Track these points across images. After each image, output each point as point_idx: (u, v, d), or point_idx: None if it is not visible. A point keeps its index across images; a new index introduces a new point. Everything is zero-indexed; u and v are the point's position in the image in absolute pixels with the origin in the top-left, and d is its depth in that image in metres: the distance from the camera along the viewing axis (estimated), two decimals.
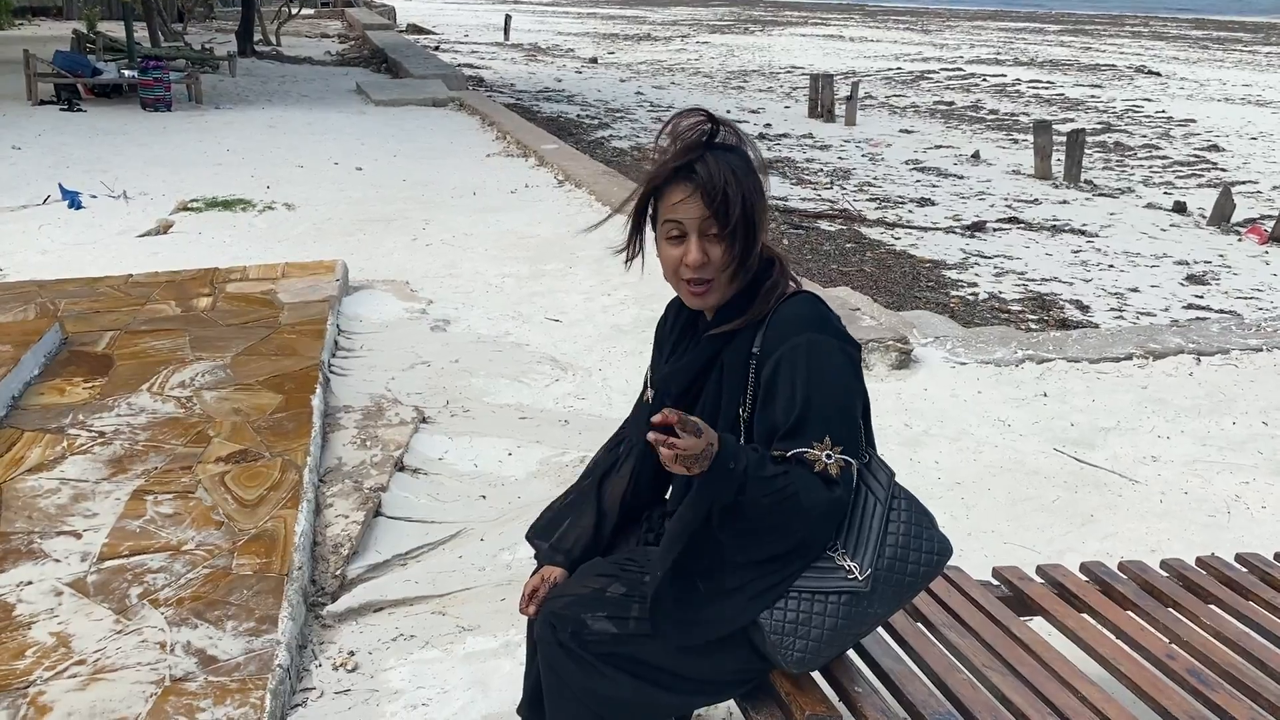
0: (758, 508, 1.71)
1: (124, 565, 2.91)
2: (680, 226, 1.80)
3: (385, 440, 3.82)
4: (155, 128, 11.20)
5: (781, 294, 1.86)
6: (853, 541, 1.81)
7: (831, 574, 1.80)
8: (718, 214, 1.76)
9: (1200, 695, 2.07)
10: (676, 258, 1.82)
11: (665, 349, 2.06)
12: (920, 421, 4.24)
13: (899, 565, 1.81)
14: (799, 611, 1.79)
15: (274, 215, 7.54)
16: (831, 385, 1.79)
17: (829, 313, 1.86)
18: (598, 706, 1.86)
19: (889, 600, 1.82)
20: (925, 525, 1.86)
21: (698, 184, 1.77)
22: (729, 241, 1.79)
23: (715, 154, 1.79)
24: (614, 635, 1.85)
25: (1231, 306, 6.49)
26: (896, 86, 18.38)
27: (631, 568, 1.93)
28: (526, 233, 7.08)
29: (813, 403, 1.76)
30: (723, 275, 1.82)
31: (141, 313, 4.94)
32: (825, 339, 1.81)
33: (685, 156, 1.79)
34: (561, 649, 1.85)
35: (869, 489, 1.84)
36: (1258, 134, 13.81)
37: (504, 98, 15.12)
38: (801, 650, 1.79)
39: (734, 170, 1.78)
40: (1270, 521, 3.54)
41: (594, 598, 1.88)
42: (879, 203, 9.31)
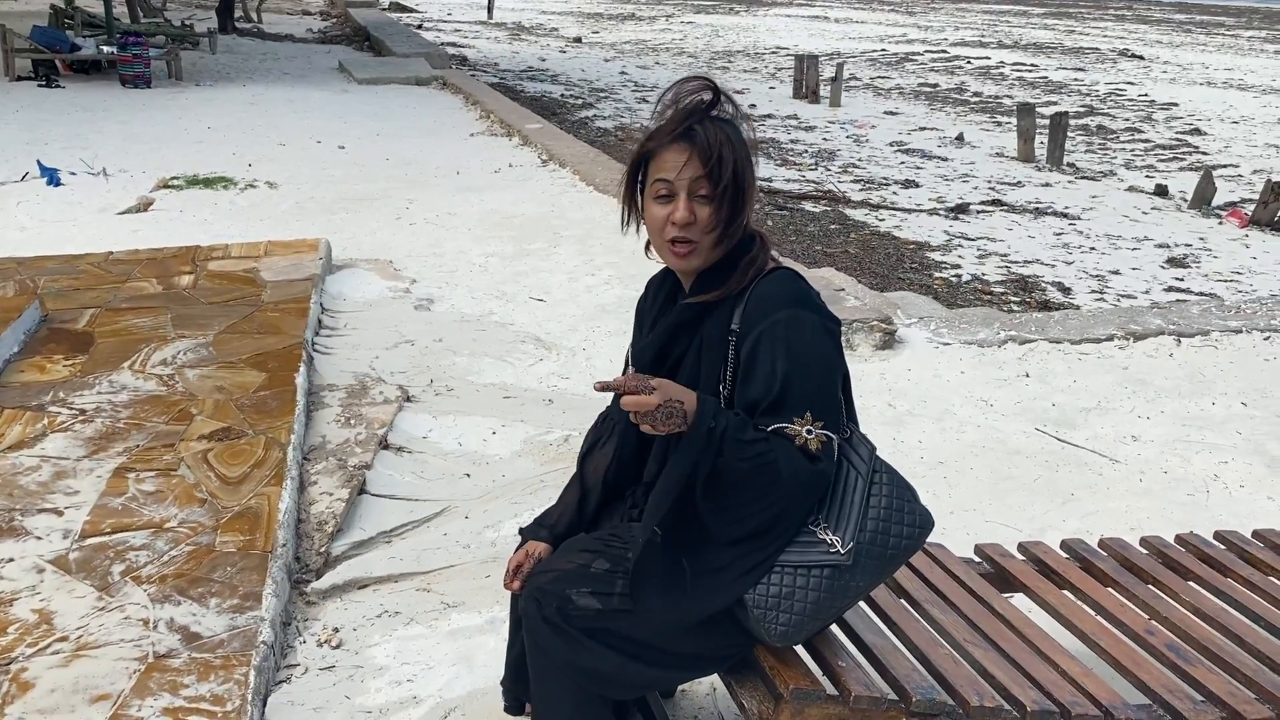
0: (738, 472, 1.72)
1: (106, 542, 2.90)
2: (670, 186, 1.82)
3: (369, 418, 3.81)
4: (135, 105, 11.08)
5: (761, 269, 1.86)
6: (834, 515, 1.82)
7: (813, 547, 1.81)
8: (710, 174, 1.79)
9: (1179, 670, 2.09)
10: (663, 217, 1.84)
11: (645, 325, 2.07)
12: (903, 401, 4.26)
13: (880, 538, 1.82)
14: (782, 585, 1.80)
15: (256, 193, 7.48)
16: (812, 361, 1.79)
17: (809, 289, 1.87)
18: (582, 680, 1.87)
19: (871, 573, 1.84)
20: (907, 499, 1.87)
21: (694, 144, 1.79)
22: (717, 203, 1.80)
23: (714, 118, 1.83)
24: (598, 611, 1.85)
25: (1211, 289, 6.53)
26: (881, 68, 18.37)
27: (615, 543, 1.94)
28: (510, 212, 7.06)
29: (793, 378, 1.77)
30: (707, 238, 1.83)
31: (122, 290, 4.90)
32: (805, 314, 1.82)
33: (685, 121, 1.82)
34: (546, 624, 1.86)
35: (850, 463, 1.85)
36: (1239, 118, 13.88)
37: (487, 77, 15.03)
38: (785, 624, 1.80)
39: (729, 137, 1.81)
40: (1248, 500, 3.58)
41: (578, 573, 1.89)
42: (863, 184, 9.31)
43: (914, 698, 1.86)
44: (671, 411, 1.68)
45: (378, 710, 2.45)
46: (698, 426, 1.70)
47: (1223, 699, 2.00)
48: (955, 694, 1.89)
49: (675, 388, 1.70)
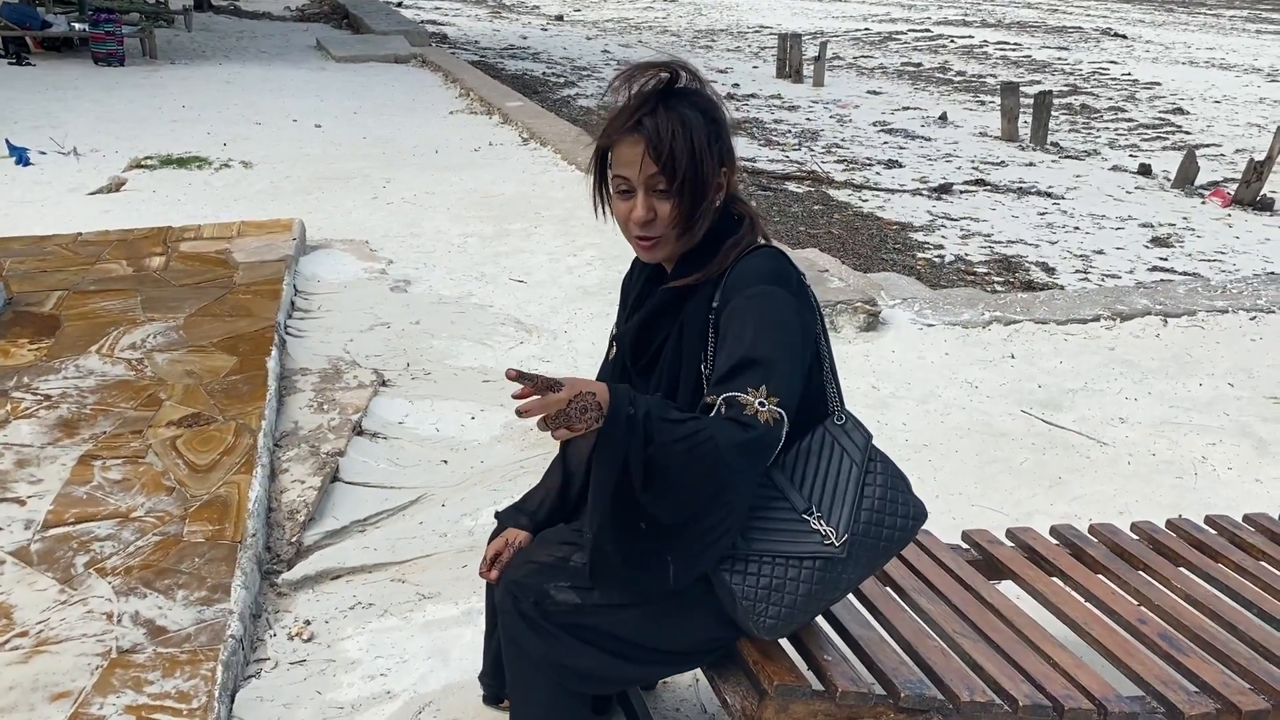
0: (673, 456, 1.59)
1: (70, 533, 2.81)
2: (628, 182, 1.75)
3: (343, 404, 3.72)
4: (107, 83, 10.88)
5: (744, 249, 1.79)
6: (827, 505, 1.76)
7: (806, 538, 1.74)
8: (665, 170, 1.71)
9: (1172, 660, 2.04)
10: (625, 213, 1.78)
11: (627, 305, 2.00)
12: (888, 383, 4.20)
13: (874, 530, 1.76)
14: (772, 577, 1.73)
15: (230, 173, 7.35)
16: (777, 337, 1.71)
17: (791, 269, 1.80)
18: (559, 675, 1.80)
19: (863, 565, 1.78)
20: (901, 489, 1.81)
21: (645, 138, 1.71)
22: (676, 197, 1.73)
23: (668, 106, 1.73)
24: (577, 606, 1.79)
25: (1195, 269, 6.50)
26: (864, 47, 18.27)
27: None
28: (490, 191, 6.95)
29: (756, 350, 1.68)
30: (670, 232, 1.77)
31: (91, 272, 4.78)
32: (780, 292, 1.74)
33: (635, 112, 1.73)
34: (523, 619, 1.80)
35: (845, 451, 1.79)
36: (1221, 97, 13.86)
37: (468, 55, 14.85)
38: (774, 616, 1.74)
39: (685, 123, 1.71)
40: (1236, 482, 3.54)
41: (556, 567, 1.82)
42: (846, 164, 9.24)
43: (903, 693, 1.80)
44: (585, 406, 1.54)
45: (350, 706, 2.38)
46: (615, 416, 1.57)
47: (1217, 690, 1.95)
48: (945, 688, 1.84)
49: (584, 381, 1.57)
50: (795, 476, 1.78)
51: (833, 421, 1.82)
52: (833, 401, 1.84)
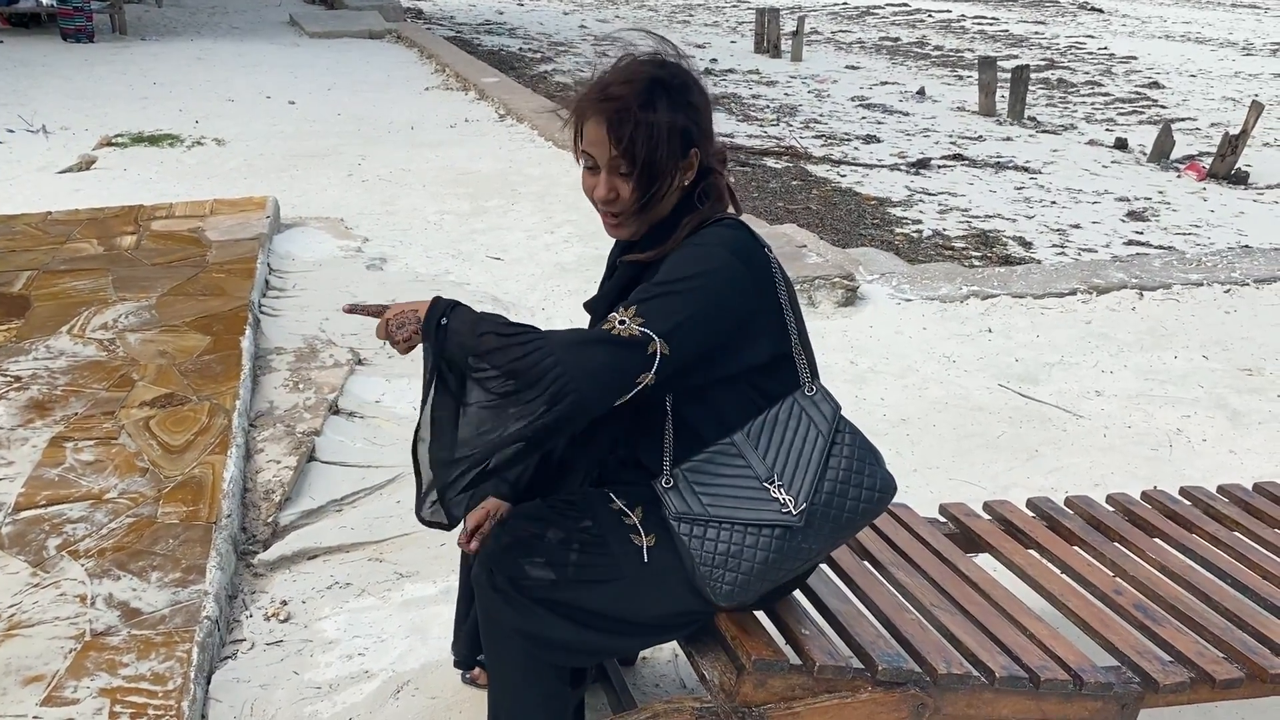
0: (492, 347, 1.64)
1: (41, 515, 2.78)
2: (593, 159, 1.79)
3: (319, 383, 3.69)
4: (76, 60, 10.72)
5: (701, 222, 1.79)
6: (789, 474, 1.76)
7: (765, 506, 1.74)
8: (625, 154, 1.73)
9: (1147, 630, 2.06)
10: (590, 186, 1.82)
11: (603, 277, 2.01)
12: (866, 358, 4.21)
13: (838, 500, 1.76)
14: (730, 543, 1.74)
15: (203, 151, 7.26)
16: (678, 284, 1.70)
17: (745, 238, 1.79)
18: (535, 649, 1.80)
19: (825, 536, 1.77)
20: (869, 462, 1.80)
21: (609, 121, 1.73)
22: (635, 182, 1.76)
23: (638, 91, 1.73)
24: (552, 581, 1.78)
25: (1171, 242, 6.52)
26: (842, 22, 18.21)
27: (570, 512, 1.85)
28: (467, 168, 6.90)
29: (648, 290, 1.71)
30: (629, 210, 1.80)
31: (61, 252, 4.72)
32: (711, 252, 1.74)
33: (602, 92, 1.76)
34: (498, 593, 1.79)
35: (811, 420, 1.79)
36: (1197, 71, 13.89)
37: (443, 30, 14.71)
38: (731, 583, 1.74)
39: (649, 108, 1.72)
40: (1210, 454, 3.57)
41: (531, 542, 1.81)
42: (825, 139, 9.21)
43: (880, 666, 1.80)
44: (403, 321, 1.71)
45: (328, 685, 2.37)
46: (430, 320, 1.69)
47: (1191, 659, 1.96)
48: (922, 661, 1.84)
49: (411, 303, 1.72)
50: (760, 445, 1.78)
51: (802, 393, 1.82)
52: (803, 374, 1.84)
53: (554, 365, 1.61)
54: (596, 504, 1.86)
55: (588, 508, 1.86)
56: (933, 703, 1.83)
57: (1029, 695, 1.86)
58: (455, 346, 1.66)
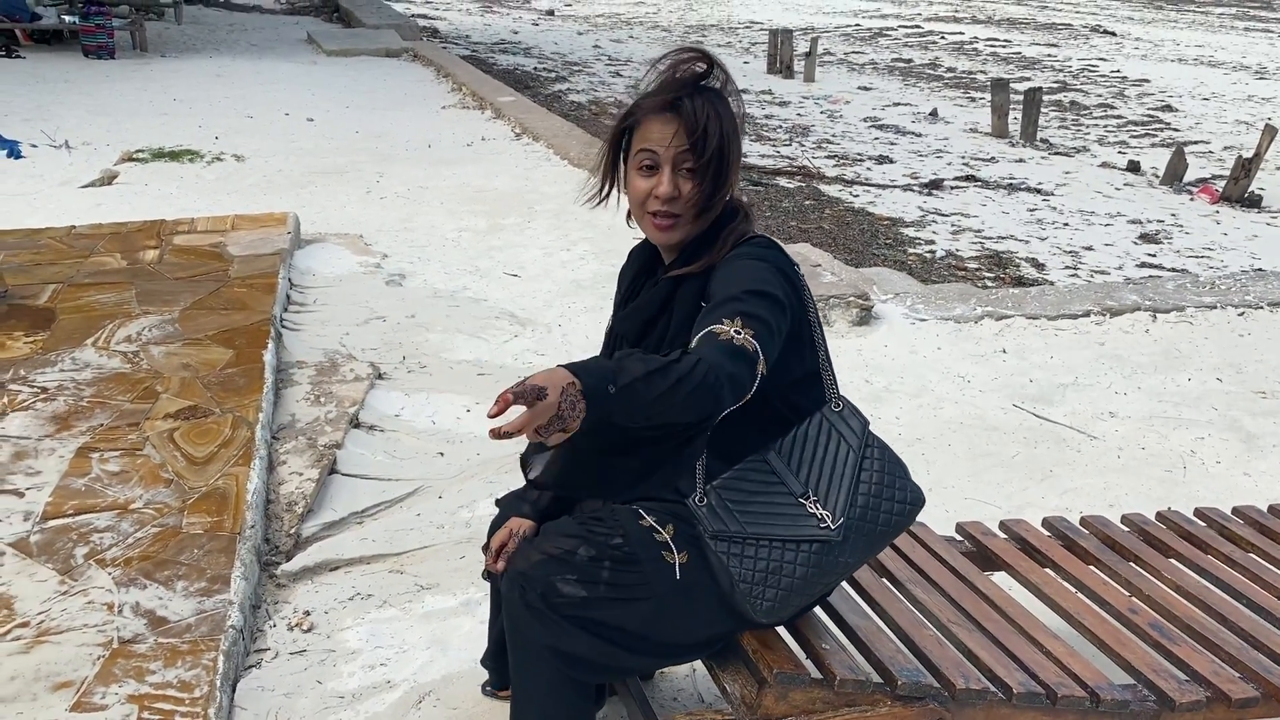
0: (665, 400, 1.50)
1: (69, 524, 2.82)
2: (654, 157, 1.79)
3: (340, 396, 3.74)
4: (98, 76, 10.84)
5: (740, 237, 1.83)
6: (824, 489, 1.78)
7: (803, 522, 1.77)
8: (695, 146, 1.76)
9: (1162, 649, 2.08)
10: (646, 189, 1.81)
11: (620, 294, 2.04)
12: (881, 378, 4.24)
13: (870, 514, 1.79)
14: (769, 560, 1.76)
15: (223, 166, 7.34)
16: (756, 287, 1.71)
17: (786, 257, 1.84)
18: (563, 665, 1.82)
19: (860, 550, 1.80)
20: (898, 474, 1.84)
21: (681, 116, 1.77)
22: (700, 177, 1.78)
23: (704, 90, 1.80)
24: (583, 599, 1.79)
25: (1184, 265, 6.54)
26: (855, 43, 18.30)
27: (600, 529, 1.87)
28: (483, 186, 6.96)
29: (730, 291, 1.70)
30: (689, 211, 1.81)
31: (85, 265, 4.78)
32: (764, 261, 1.78)
33: (675, 91, 1.79)
34: (528, 609, 1.80)
35: (842, 436, 1.82)
36: (1210, 95, 13.92)
37: (459, 49, 14.83)
38: (772, 599, 1.76)
39: (717, 109, 1.78)
40: (1225, 476, 3.58)
41: (563, 560, 1.82)
42: (837, 160, 9.26)
43: (899, 680, 1.83)
44: (573, 400, 1.42)
45: (350, 695, 2.40)
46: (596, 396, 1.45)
47: (1207, 678, 1.98)
48: (940, 676, 1.87)
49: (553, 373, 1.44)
50: (792, 462, 1.81)
51: (830, 408, 1.85)
52: (829, 389, 1.87)
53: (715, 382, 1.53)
54: (626, 521, 1.87)
55: (617, 524, 1.87)
56: (951, 717, 1.86)
57: (1046, 712, 1.89)
58: (628, 410, 1.49)
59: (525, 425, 1.38)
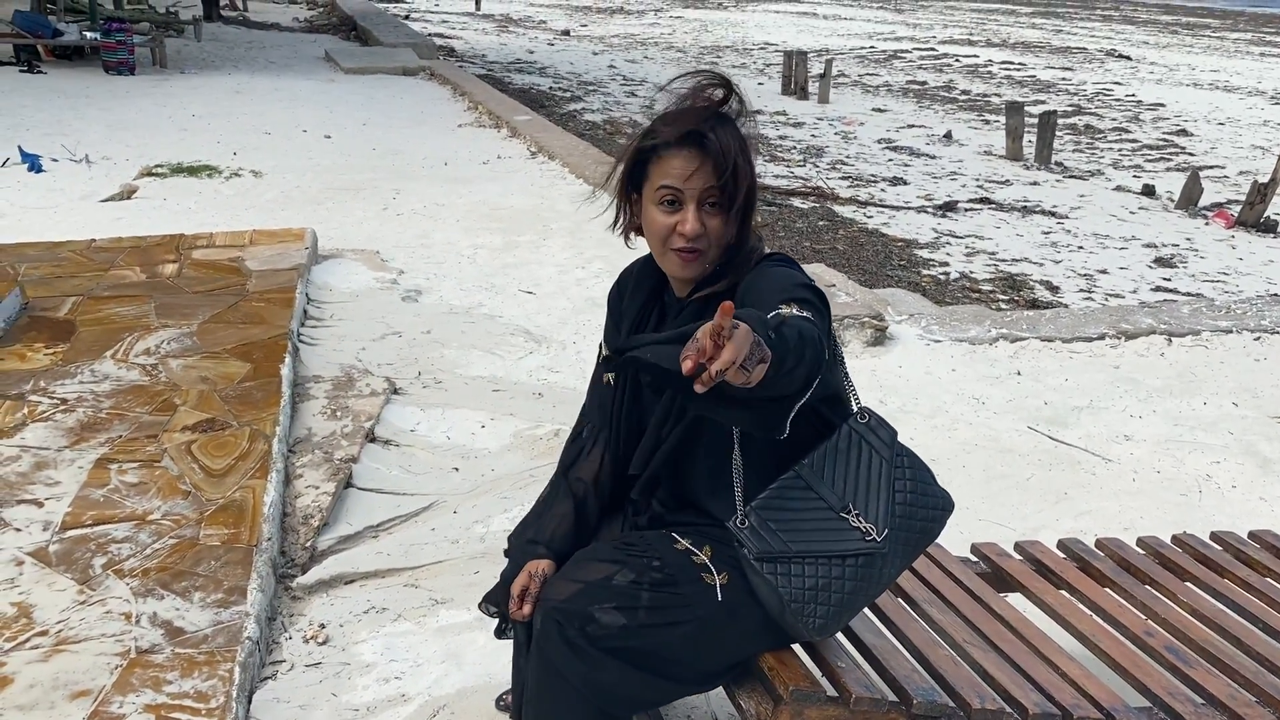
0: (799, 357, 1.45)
1: (87, 535, 2.84)
2: (678, 194, 1.75)
3: (356, 411, 3.76)
4: (118, 91, 10.96)
5: (760, 255, 1.83)
6: (862, 501, 1.78)
7: (847, 536, 1.76)
8: (725, 186, 1.72)
9: (1179, 672, 2.07)
10: (669, 225, 1.77)
11: (625, 321, 1.98)
12: (895, 399, 4.24)
13: (908, 523, 1.80)
14: (817, 577, 1.75)
15: (241, 182, 7.40)
16: (796, 282, 1.69)
17: (800, 271, 1.82)
18: (602, 702, 1.77)
19: (901, 558, 1.81)
20: (929, 481, 1.85)
21: (708, 153, 1.72)
22: (729, 215, 1.75)
23: (725, 123, 1.76)
24: (623, 627, 1.74)
25: (1198, 290, 6.54)
26: (869, 65, 18.36)
27: (634, 552, 1.83)
28: (499, 204, 7.00)
29: (776, 290, 1.66)
30: (715, 248, 1.78)
31: (105, 278, 4.83)
32: (791, 266, 1.79)
33: (695, 123, 1.73)
34: (568, 646, 1.73)
35: (872, 447, 1.82)
36: (1225, 119, 13.92)
37: (475, 68, 14.94)
38: (823, 616, 1.75)
39: (741, 141, 1.75)
40: (1240, 500, 3.57)
41: (601, 586, 1.78)
42: (852, 181, 9.29)
43: (915, 700, 1.83)
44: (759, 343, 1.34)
45: (365, 708, 2.41)
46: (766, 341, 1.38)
47: (1223, 702, 1.98)
48: (956, 696, 1.87)
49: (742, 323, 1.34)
50: (826, 476, 1.80)
51: (856, 420, 1.85)
52: (853, 402, 1.88)
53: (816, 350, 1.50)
54: (660, 545, 1.84)
55: (652, 549, 1.83)
56: None
57: None
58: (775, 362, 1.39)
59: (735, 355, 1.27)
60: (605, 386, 2.01)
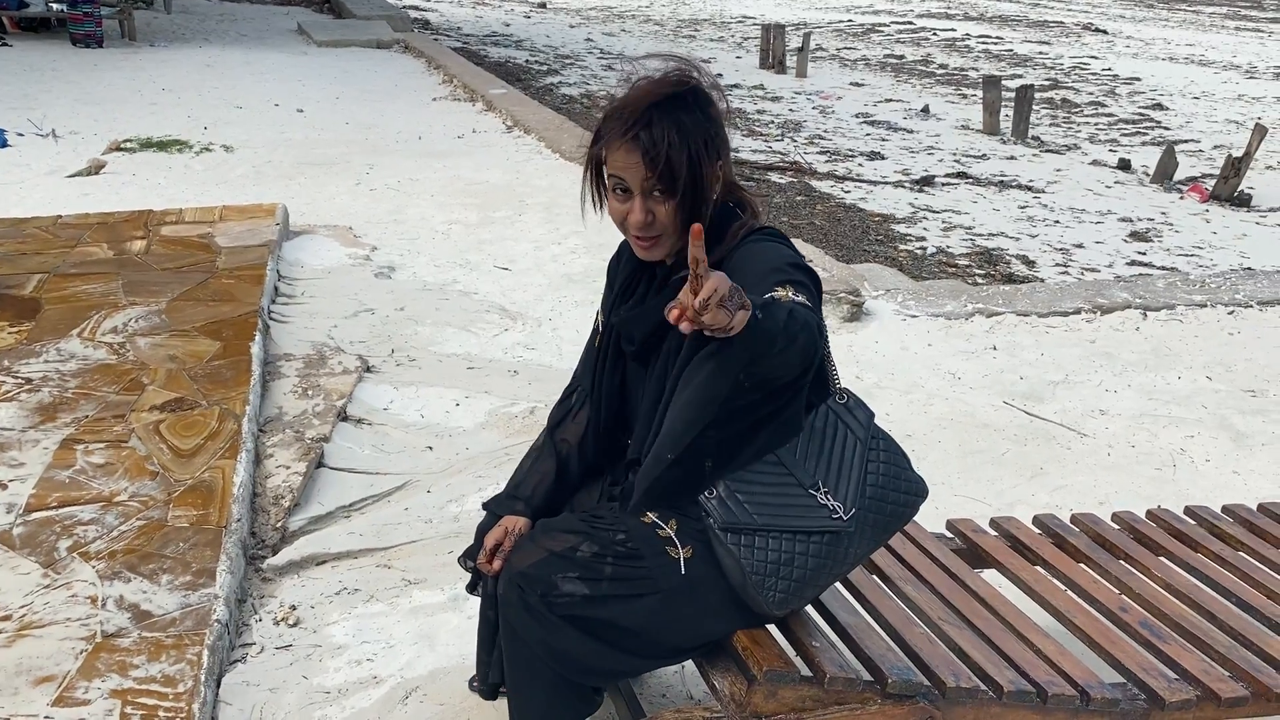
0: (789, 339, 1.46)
1: (52, 517, 2.79)
2: (625, 183, 1.76)
3: (328, 389, 3.71)
4: (86, 64, 10.76)
5: (749, 230, 1.80)
6: (833, 480, 1.78)
7: (814, 513, 1.76)
8: (661, 177, 1.71)
9: (1152, 647, 2.07)
10: (622, 212, 1.78)
11: (615, 287, 2.00)
12: (871, 373, 4.23)
13: (879, 505, 1.80)
14: (780, 551, 1.75)
15: (212, 157, 7.29)
16: (786, 260, 1.70)
17: (791, 247, 1.80)
18: (561, 667, 1.79)
19: (869, 540, 1.81)
20: (903, 465, 1.84)
21: (639, 146, 1.71)
22: (675, 202, 1.74)
23: (665, 111, 1.72)
24: (585, 597, 1.76)
25: (1173, 264, 6.55)
26: (847, 39, 18.29)
27: (601, 525, 1.84)
28: (474, 179, 6.93)
29: (767, 268, 1.67)
30: (669, 231, 1.78)
31: (71, 255, 4.74)
32: (780, 242, 1.78)
33: (629, 122, 1.73)
34: (528, 611, 1.77)
35: (849, 428, 1.82)
36: (1200, 94, 13.95)
37: (450, 41, 14.77)
38: (783, 591, 1.76)
39: (681, 129, 1.71)
40: (1214, 474, 3.59)
41: (565, 557, 1.79)
42: (829, 156, 9.25)
43: (889, 678, 1.82)
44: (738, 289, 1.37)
45: (337, 690, 2.38)
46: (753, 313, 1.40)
47: (1197, 677, 1.98)
48: (931, 674, 1.86)
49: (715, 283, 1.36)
50: (800, 453, 1.80)
51: (835, 400, 1.85)
52: (834, 382, 1.87)
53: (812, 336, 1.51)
54: (626, 518, 1.85)
55: (619, 521, 1.85)
56: (941, 716, 1.85)
57: (1036, 710, 1.88)
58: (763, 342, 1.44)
59: (715, 287, 1.32)
60: (594, 349, 2.03)
